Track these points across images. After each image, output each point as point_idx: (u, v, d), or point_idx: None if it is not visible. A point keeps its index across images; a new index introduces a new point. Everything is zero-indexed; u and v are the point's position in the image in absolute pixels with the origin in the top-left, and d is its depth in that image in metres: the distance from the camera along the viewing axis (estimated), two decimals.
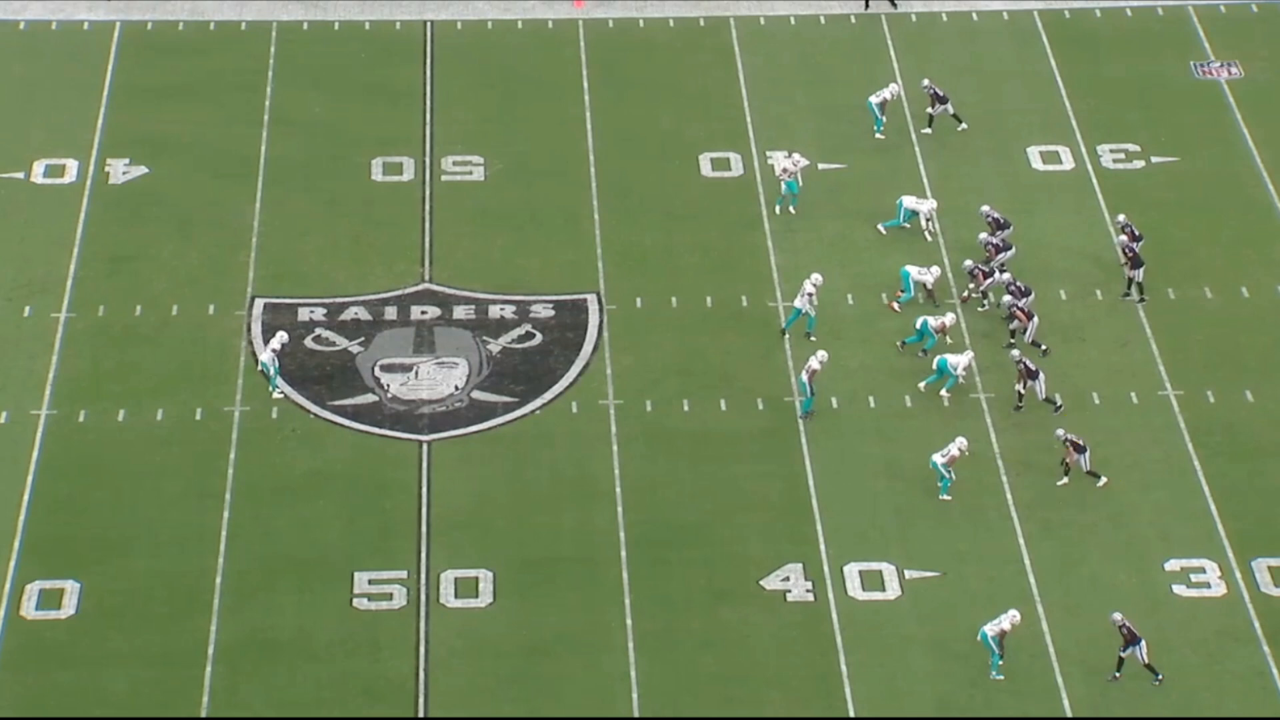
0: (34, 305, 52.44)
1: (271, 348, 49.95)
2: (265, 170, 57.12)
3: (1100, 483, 47.49)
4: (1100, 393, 50.50)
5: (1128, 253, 52.52)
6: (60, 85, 59.94)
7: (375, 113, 59.38)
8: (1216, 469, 48.60)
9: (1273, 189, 56.68)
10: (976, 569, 46.25)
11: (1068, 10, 63.46)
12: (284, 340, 50.09)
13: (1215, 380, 50.89)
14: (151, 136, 58.05)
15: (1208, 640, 44.77)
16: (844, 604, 45.44)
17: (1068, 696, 43.48)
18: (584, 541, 46.87)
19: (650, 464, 48.70)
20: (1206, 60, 61.54)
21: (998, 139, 58.42)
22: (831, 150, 57.87)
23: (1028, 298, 51.42)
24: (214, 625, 44.78)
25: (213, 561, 46.14)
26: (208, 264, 53.96)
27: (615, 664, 44.12)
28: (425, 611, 45.23)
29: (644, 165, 57.53)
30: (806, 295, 51.42)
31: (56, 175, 56.77)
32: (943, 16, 63.22)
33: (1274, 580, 46.01)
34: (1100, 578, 46.04)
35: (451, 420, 49.83)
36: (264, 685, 43.59)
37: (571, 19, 63.01)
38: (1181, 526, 47.29)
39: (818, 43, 62.08)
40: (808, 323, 51.68)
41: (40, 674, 43.71)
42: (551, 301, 53.09)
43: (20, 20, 62.30)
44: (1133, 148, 58.20)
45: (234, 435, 49.23)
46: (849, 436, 49.35)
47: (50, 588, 45.53)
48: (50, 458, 48.53)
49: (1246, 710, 43.21)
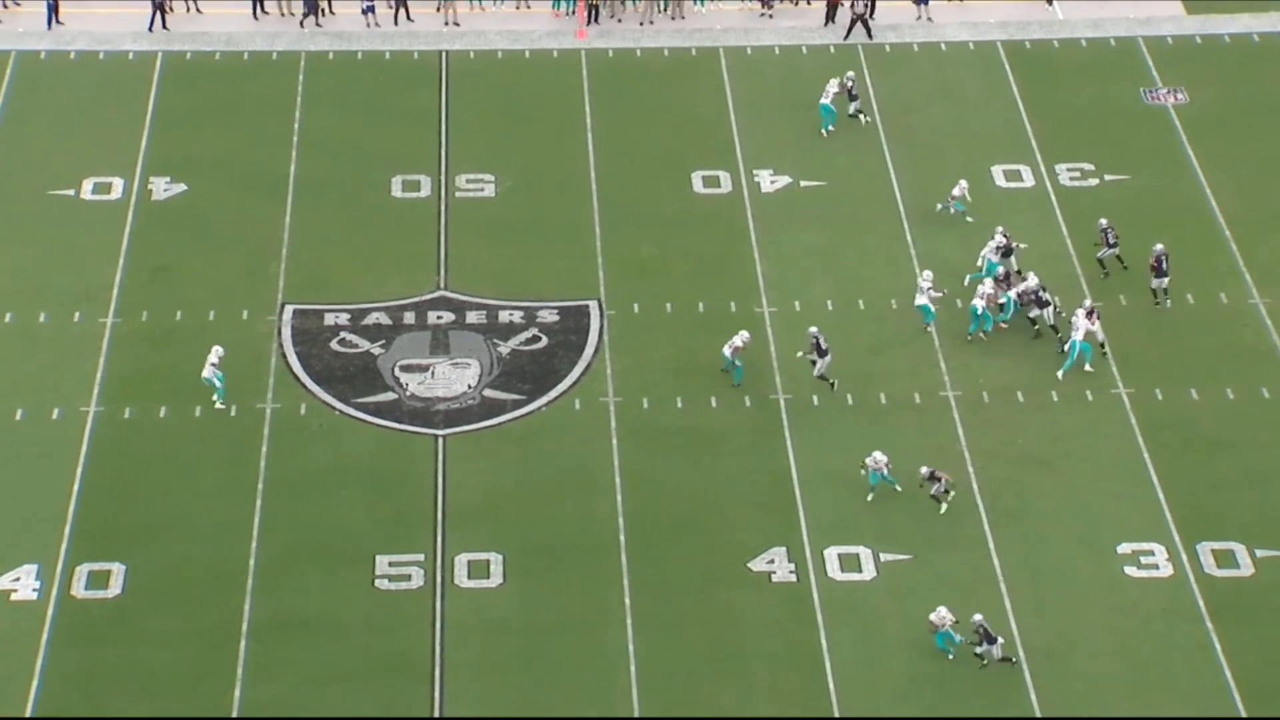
0: (83, 311, 52.35)
1: (210, 361, 49.50)
2: (294, 187, 57.03)
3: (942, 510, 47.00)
4: (1059, 391, 50.41)
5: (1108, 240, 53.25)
6: (107, 110, 59.84)
7: (395, 135, 59.29)
8: (1164, 461, 48.52)
9: (1215, 204, 56.61)
10: (945, 552, 46.17)
11: (1028, 41, 63.41)
12: (220, 354, 49.63)
13: (1164, 380, 50.82)
14: (190, 157, 57.96)
15: (1156, 617, 44.72)
16: (824, 584, 45.37)
17: (1029, 670, 43.45)
18: (586, 528, 46.79)
19: (647, 457, 48.62)
20: (1155, 87, 61.46)
21: (965, 158, 58.33)
22: (812, 169, 57.77)
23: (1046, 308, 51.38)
24: (247, 604, 44.72)
25: (246, 546, 46.08)
26: (241, 273, 53.87)
27: (615, 640, 44.07)
28: (441, 592, 45.15)
29: (641, 182, 57.44)
30: (925, 291, 51.68)
31: (104, 192, 56.68)
32: (914, 47, 63.14)
33: (1217, 562, 45.92)
34: (1058, 560, 45.98)
35: (465, 416, 49.73)
36: (293, 660, 43.54)
37: (575, 49, 62.94)
38: (1132, 513, 47.22)
39: (800, 71, 61.97)
40: (926, 315, 51.72)
41: (88, 648, 43.70)
42: (556, 307, 53.00)
43: (71, 50, 62.20)
44: (1088, 166, 58.12)
45: (265, 430, 49.15)
46: (828, 432, 49.25)
47: (98, 569, 45.48)
48: (98, 451, 48.46)
49: (1192, 680, 43.20)
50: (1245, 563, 45.99)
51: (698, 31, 63.48)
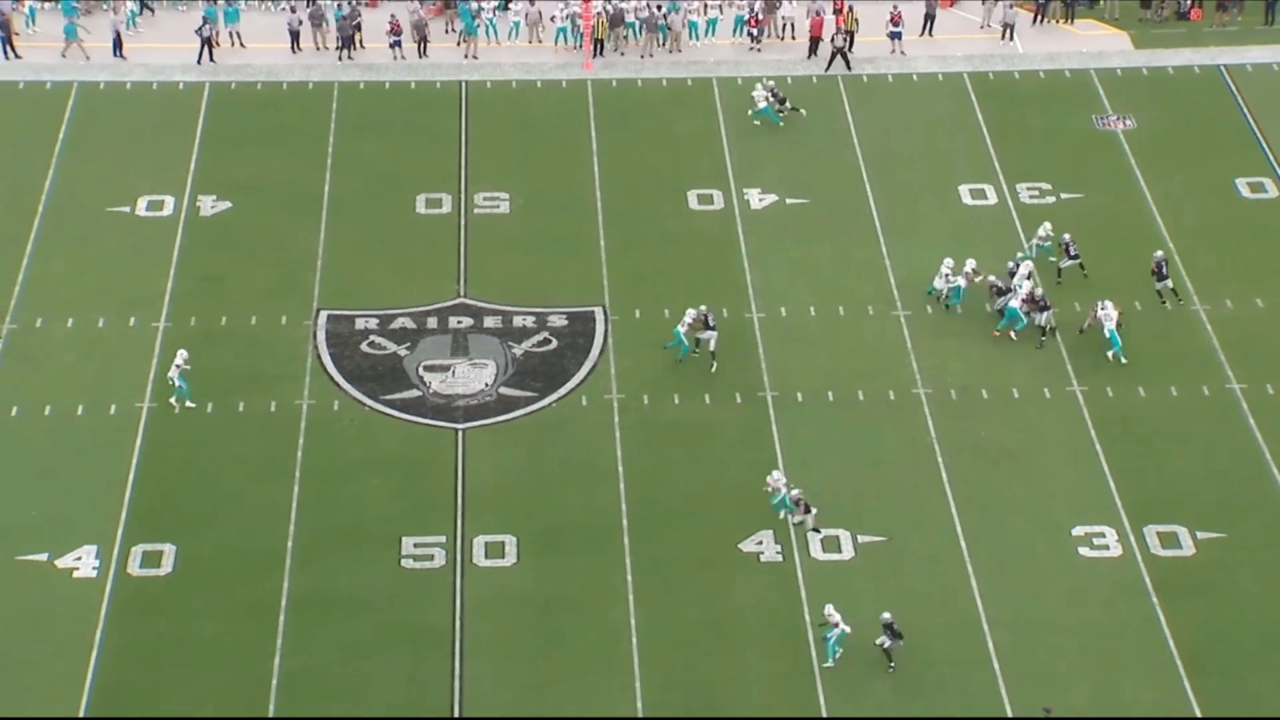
0: (138, 317, 52.20)
1: (176, 364, 49.16)
2: (328, 204, 56.87)
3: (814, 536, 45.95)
4: (1019, 389, 50.27)
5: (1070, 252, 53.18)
6: (159, 135, 59.67)
7: (419, 156, 59.13)
8: (1114, 452, 48.37)
9: (1160, 219, 56.45)
10: (917, 535, 46.04)
11: (991, 73, 63.25)
12: (185, 357, 49.32)
13: (1113, 379, 50.66)
14: (234, 177, 57.78)
15: (1107, 593, 44.64)
16: (808, 564, 45.23)
17: (992, 641, 43.32)
18: (592, 513, 46.65)
19: (647, 449, 48.45)
20: (1106, 114, 61.30)
21: (935, 178, 58.16)
22: (797, 188, 57.62)
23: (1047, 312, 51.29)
24: (285, 581, 44.62)
25: (284, 529, 45.95)
26: (280, 282, 53.72)
27: (618, 614, 43.99)
28: (461, 570, 45.03)
29: (641, 199, 57.27)
30: (944, 276, 52.13)
31: (156, 209, 56.52)
32: (889, 77, 62.98)
33: (1161, 543, 45.81)
34: (1019, 542, 45.87)
35: (482, 412, 49.57)
36: (327, 632, 43.45)
37: (581, 79, 62.78)
38: (1085, 499, 47.08)
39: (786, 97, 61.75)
40: (955, 295, 52.10)
41: (143, 621, 43.64)
42: (565, 313, 52.84)
43: (127, 82, 62.05)
44: (1045, 186, 57.93)
45: (302, 424, 49.00)
46: (810, 425, 49.10)
47: (151, 550, 45.37)
48: (151, 443, 48.31)
49: (1139, 649, 43.15)
50: (1187, 543, 45.87)
51: (693, 64, 63.33)
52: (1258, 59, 63.78)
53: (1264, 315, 52.78)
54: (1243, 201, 57.39)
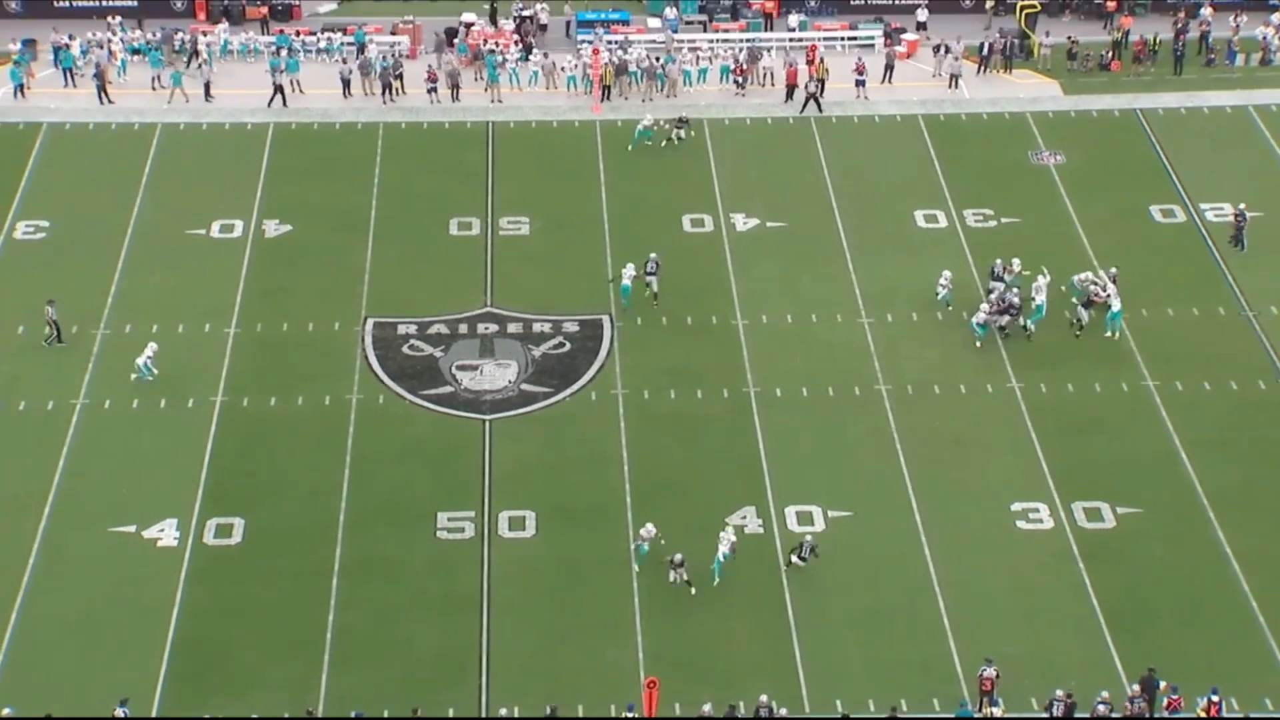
0: (211, 323, 52.10)
1: (146, 354, 49.15)
2: (374, 227, 56.75)
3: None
4: (966, 385, 50.17)
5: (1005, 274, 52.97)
6: (230, 167, 59.57)
7: (452, 186, 59.00)
8: (1047, 439, 48.25)
9: (1085, 240, 56.34)
10: (878, 510, 45.98)
11: (942, 115, 63.11)
12: (154, 349, 49.26)
13: (1046, 375, 50.56)
14: (294, 203, 57.66)
15: (1043, 560, 44.58)
16: (785, 534, 45.14)
17: (942, 600, 43.24)
18: (600, 492, 46.54)
19: (647, 437, 48.34)
20: (1039, 151, 61.18)
21: (894, 205, 58.01)
22: (776, 213, 57.50)
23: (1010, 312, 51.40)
24: (338, 551, 44.56)
25: (337, 505, 45.87)
26: (333, 293, 53.59)
27: (622, 579, 43.93)
28: (488, 541, 44.96)
29: (642, 223, 57.08)
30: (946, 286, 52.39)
31: (228, 231, 56.41)
32: (854, 118, 62.85)
33: (1087, 517, 45.78)
34: (966, 516, 45.80)
35: (506, 405, 49.48)
36: (372, 595, 43.41)
37: (591, 120, 62.67)
38: (1022, 479, 46.99)
39: (766, 135, 61.71)
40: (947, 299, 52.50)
41: (217, 585, 43.62)
42: (577, 320, 52.73)
43: (203, 123, 61.97)
44: (989, 212, 57.79)
45: (352, 415, 48.91)
46: (789, 417, 48.99)
47: (224, 523, 45.32)
48: (223, 431, 48.23)
49: (1068, 608, 43.08)
50: (1109, 517, 45.80)
51: (686, 106, 63.17)
52: (1168, 104, 63.68)
53: (1174, 322, 52.69)
54: (1156, 225, 57.28)
